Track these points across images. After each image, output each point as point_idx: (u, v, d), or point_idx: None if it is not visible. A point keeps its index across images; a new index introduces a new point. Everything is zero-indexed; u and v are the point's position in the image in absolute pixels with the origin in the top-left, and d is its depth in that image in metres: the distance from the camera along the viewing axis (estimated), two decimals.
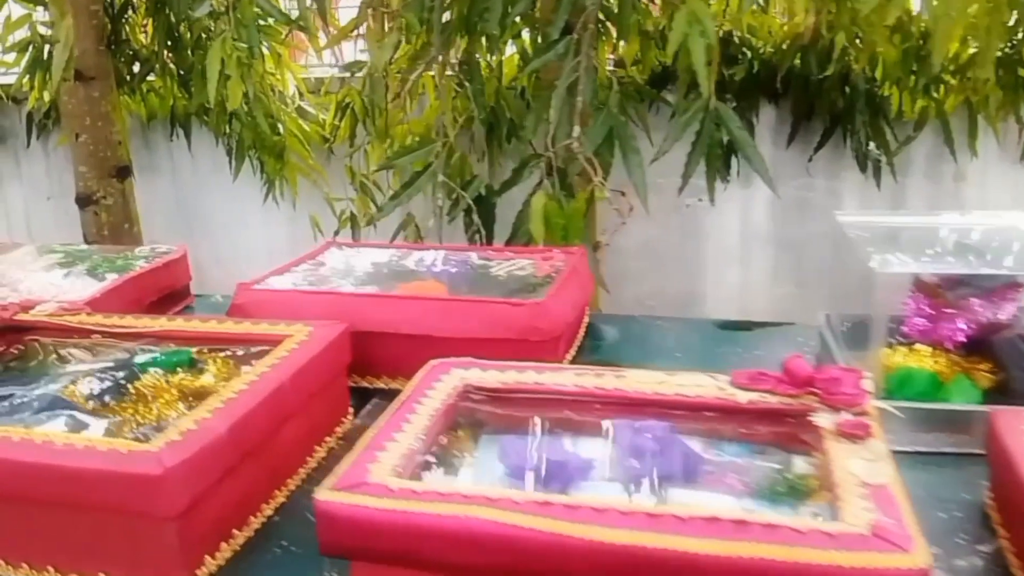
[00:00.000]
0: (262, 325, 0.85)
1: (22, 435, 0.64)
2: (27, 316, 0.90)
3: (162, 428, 0.70)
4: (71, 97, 2.02)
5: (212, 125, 2.41)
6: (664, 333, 1.07)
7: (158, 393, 0.77)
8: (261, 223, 2.77)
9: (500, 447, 0.68)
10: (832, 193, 2.45)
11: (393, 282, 1.05)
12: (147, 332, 0.86)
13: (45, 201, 3.00)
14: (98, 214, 2.10)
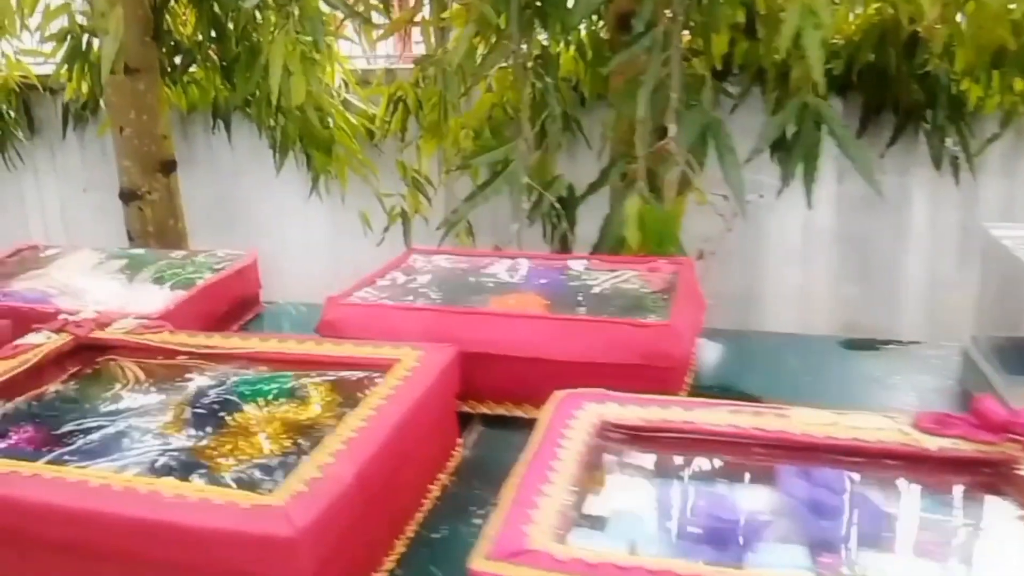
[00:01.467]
0: (366, 347, 0.77)
1: (124, 483, 0.56)
2: (104, 334, 0.83)
3: (269, 468, 0.63)
4: (116, 89, 1.95)
5: (256, 118, 2.34)
6: (781, 351, 0.98)
7: (260, 426, 0.69)
8: (301, 218, 2.70)
9: (654, 499, 0.60)
10: (901, 190, 2.35)
11: (484, 295, 0.97)
12: (238, 354, 0.79)
13: (81, 194, 2.94)
14: (142, 210, 2.03)
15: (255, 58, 2.13)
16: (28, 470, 0.58)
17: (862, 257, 2.45)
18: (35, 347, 0.79)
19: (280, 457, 0.65)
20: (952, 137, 2.05)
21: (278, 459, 0.64)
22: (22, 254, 1.19)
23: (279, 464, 0.63)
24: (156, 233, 2.04)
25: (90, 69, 2.41)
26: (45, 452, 0.65)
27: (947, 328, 2.47)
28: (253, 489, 0.59)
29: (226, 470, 0.63)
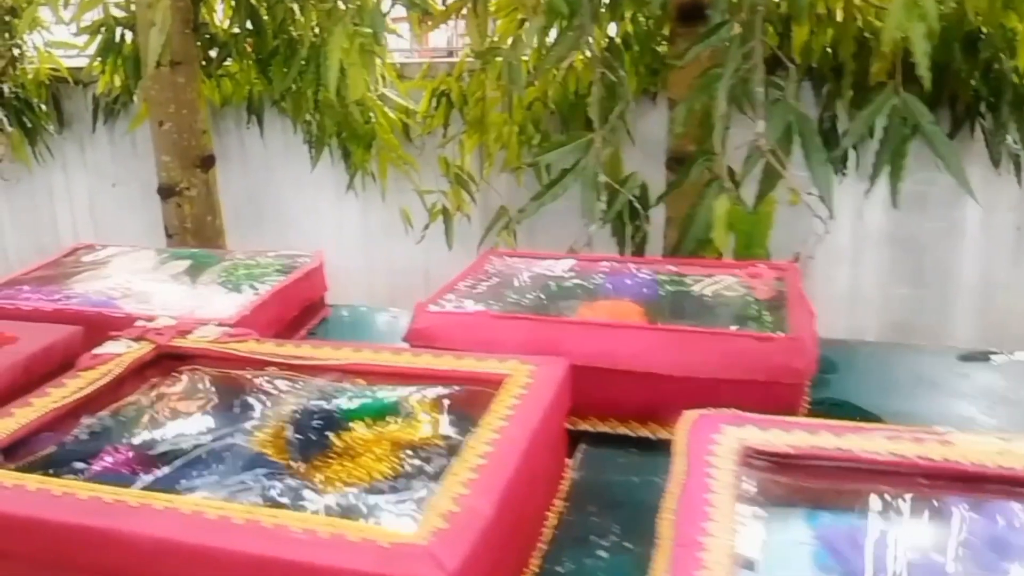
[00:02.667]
0: (468, 360, 0.72)
1: (245, 516, 0.51)
2: (186, 342, 0.78)
3: (390, 496, 0.58)
4: (155, 83, 1.90)
5: (291, 113, 2.29)
6: (891, 362, 0.93)
7: (367, 446, 0.64)
8: (333, 214, 2.65)
9: (813, 538, 0.55)
10: (955, 188, 2.28)
11: (573, 301, 0.92)
12: (332, 366, 0.74)
13: (110, 188, 2.90)
14: (181, 206, 1.98)
15: (294, 52, 2.09)
16: (135, 499, 0.54)
17: (913, 258, 2.39)
18: (116, 357, 0.74)
19: (394, 481, 0.60)
20: (1012, 135, 1.98)
21: (395, 484, 0.60)
22: (78, 254, 1.14)
23: (400, 491, 0.58)
24: (194, 229, 2.00)
25: (123, 62, 2.37)
26: (143, 475, 0.60)
27: (1000, 331, 2.41)
28: (379, 521, 0.54)
29: (342, 497, 0.58)
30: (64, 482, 0.56)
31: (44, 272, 1.08)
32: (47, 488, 0.55)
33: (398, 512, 0.56)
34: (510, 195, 2.19)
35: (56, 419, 0.67)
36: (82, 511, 0.53)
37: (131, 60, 2.32)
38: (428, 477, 0.60)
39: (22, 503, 0.54)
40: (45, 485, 0.56)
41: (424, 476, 0.60)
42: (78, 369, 0.73)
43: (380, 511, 0.56)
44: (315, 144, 2.27)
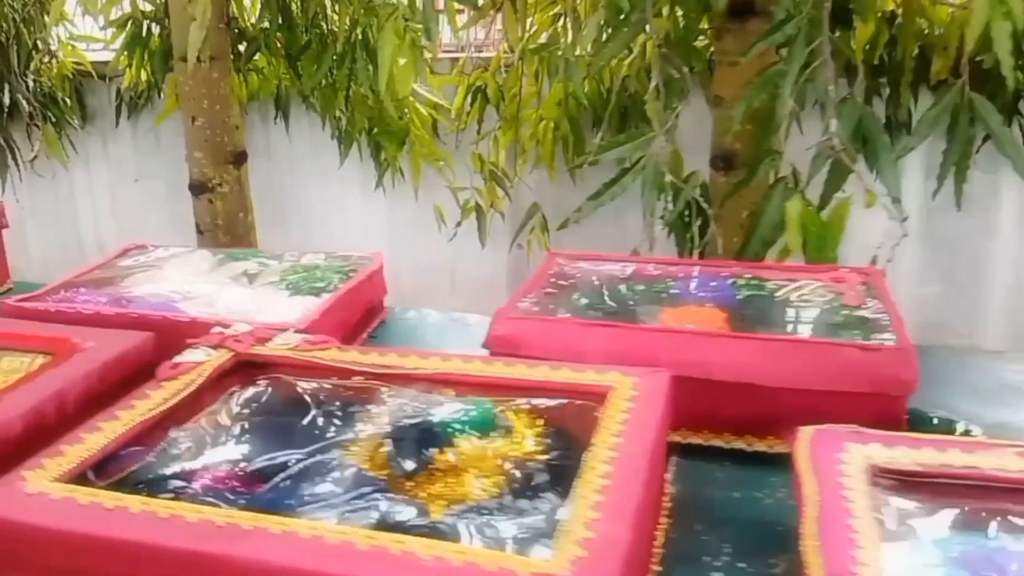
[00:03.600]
0: (563, 370, 0.70)
1: (369, 542, 0.49)
2: (266, 350, 0.76)
3: (511, 519, 0.55)
4: (188, 78, 1.88)
5: (320, 108, 2.26)
6: (974, 369, 0.90)
7: (471, 462, 0.61)
8: (359, 211, 2.63)
9: (962, 562, 0.52)
10: (990, 188, 2.25)
11: (651, 306, 0.89)
12: (419, 375, 0.71)
13: (132, 184, 2.88)
14: (212, 202, 1.96)
15: (325, 47, 2.06)
16: (248, 522, 0.51)
17: (946, 258, 2.36)
18: (197, 365, 0.72)
19: (505, 500, 0.57)
20: None
21: (506, 504, 0.57)
22: (130, 255, 1.12)
23: (515, 511, 0.56)
24: (225, 226, 1.97)
25: (150, 57, 2.35)
26: (245, 494, 0.58)
27: None
28: (503, 546, 0.52)
29: (456, 518, 0.55)
30: (169, 504, 0.53)
31: (98, 274, 1.05)
32: (152, 510, 0.53)
33: (521, 536, 0.53)
34: (541, 192, 2.16)
35: (143, 432, 0.64)
36: (192, 535, 0.51)
37: (159, 55, 2.31)
38: (540, 496, 0.57)
39: (127, 527, 0.52)
40: (149, 507, 0.53)
41: (536, 495, 0.57)
42: (160, 379, 0.70)
43: (500, 534, 0.53)
44: (344, 140, 2.24)
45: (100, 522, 0.52)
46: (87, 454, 0.60)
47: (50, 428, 0.69)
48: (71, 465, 0.58)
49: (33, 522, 0.53)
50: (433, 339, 1.07)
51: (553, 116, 1.98)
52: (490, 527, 0.54)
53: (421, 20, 1.40)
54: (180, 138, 2.66)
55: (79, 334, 0.81)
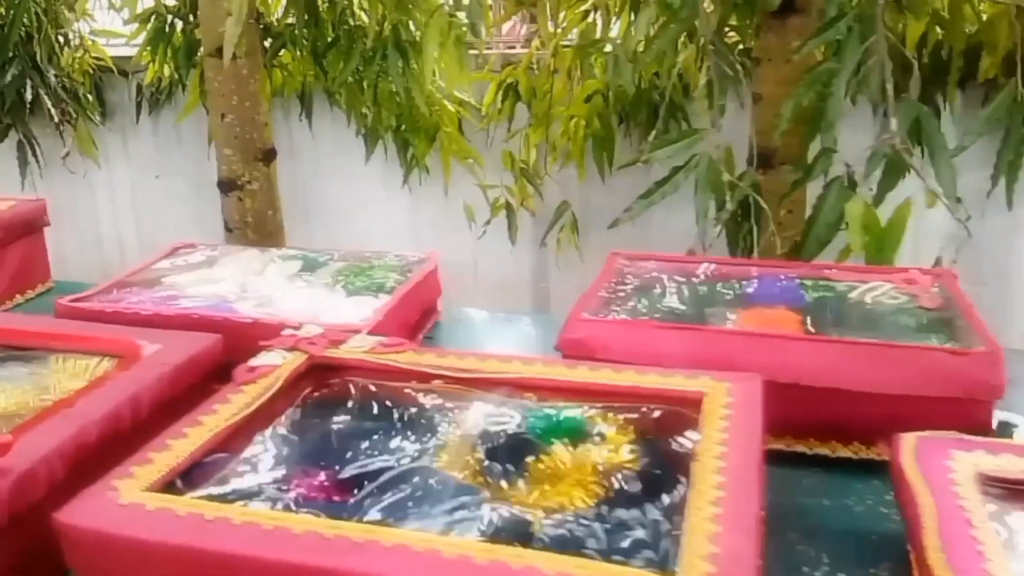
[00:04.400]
0: (650, 375, 0.68)
1: (488, 556, 0.47)
2: (341, 353, 0.74)
3: (589, 521, 0.54)
4: (217, 74, 1.86)
5: (346, 105, 2.25)
6: None
7: (568, 470, 0.60)
8: (382, 209, 2.61)
9: None
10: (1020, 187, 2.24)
11: (721, 308, 0.88)
12: (503, 379, 0.69)
13: (152, 181, 2.86)
14: (242, 200, 1.94)
15: (354, 43, 2.04)
16: (358, 534, 0.50)
17: (972, 256, 2.34)
18: (274, 369, 0.70)
19: (608, 511, 0.56)
20: None
21: (612, 514, 0.55)
22: (179, 254, 1.10)
23: (628, 525, 0.54)
24: (255, 224, 1.96)
25: (174, 52, 2.33)
26: (342, 504, 0.56)
27: None
28: (619, 559, 0.50)
29: (562, 529, 0.54)
30: (273, 515, 0.52)
31: (148, 273, 1.03)
32: (255, 522, 0.51)
33: (634, 548, 0.51)
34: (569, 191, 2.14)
35: (228, 438, 0.63)
36: (300, 548, 0.49)
37: (183, 50, 2.29)
38: (646, 507, 0.56)
39: (231, 539, 0.50)
40: (251, 518, 0.52)
41: (642, 505, 0.56)
42: (237, 383, 0.69)
43: (612, 546, 0.52)
44: (369, 137, 2.23)
45: (202, 534, 0.51)
46: (176, 462, 0.58)
47: (125, 434, 0.67)
48: (161, 473, 0.57)
49: (131, 535, 0.51)
50: (490, 339, 1.05)
51: (584, 114, 1.96)
52: (597, 538, 0.53)
53: (468, 16, 1.38)
54: (201, 135, 2.65)
55: (143, 336, 0.80)
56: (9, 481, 0.57)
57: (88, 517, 0.52)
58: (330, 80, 2.18)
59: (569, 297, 1.02)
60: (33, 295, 1.20)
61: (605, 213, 2.34)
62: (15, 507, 0.57)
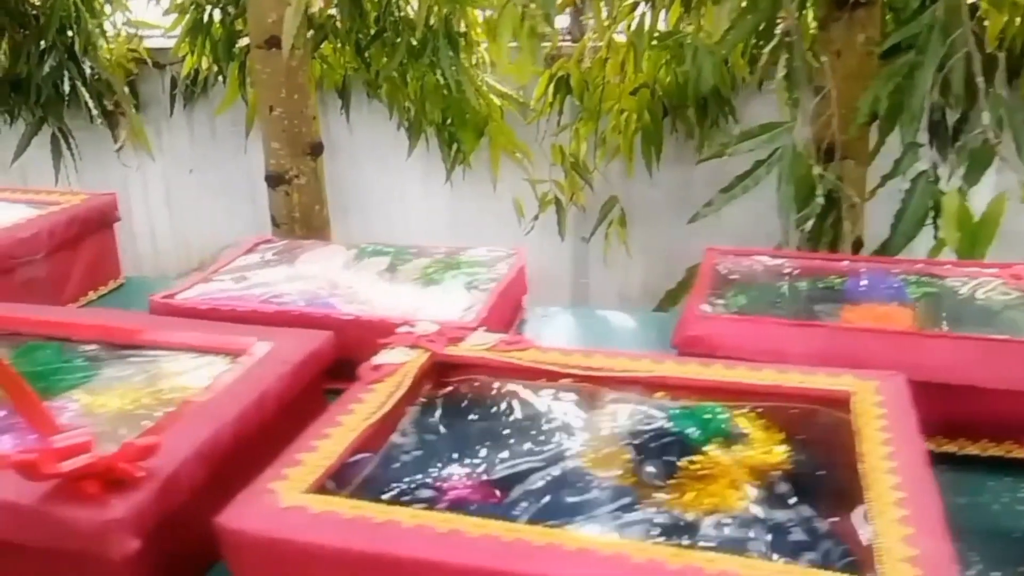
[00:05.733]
0: (792, 374, 0.67)
1: (680, 560, 0.46)
2: (461, 351, 0.73)
3: (745, 522, 0.53)
4: (265, 66, 1.85)
5: (388, 98, 2.23)
6: None
7: (721, 471, 0.59)
8: (421, 203, 2.59)
9: None
10: None
11: (829, 304, 0.86)
12: (635, 378, 0.68)
13: (186, 175, 2.85)
14: (289, 194, 1.93)
15: (401, 35, 2.03)
16: (539, 538, 0.48)
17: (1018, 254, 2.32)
18: (398, 367, 0.69)
19: (774, 513, 0.55)
20: None
21: (781, 517, 0.54)
22: (260, 249, 1.09)
23: (795, 526, 0.53)
24: (302, 219, 1.94)
25: (212, 43, 2.32)
26: (499, 506, 0.55)
27: None
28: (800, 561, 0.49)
29: (730, 531, 0.53)
30: (446, 517, 0.51)
31: (231, 268, 1.02)
32: (427, 524, 0.50)
33: (812, 550, 0.50)
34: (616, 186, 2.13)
35: (368, 438, 0.62)
36: (479, 552, 0.48)
37: (223, 41, 2.28)
38: (813, 508, 0.54)
39: (406, 543, 0.49)
40: (422, 520, 0.50)
41: (808, 506, 0.55)
42: (365, 381, 0.67)
43: (788, 548, 0.51)
44: (412, 131, 2.21)
45: (372, 538, 0.49)
46: (326, 463, 0.57)
47: (253, 434, 0.66)
48: (314, 475, 0.56)
49: (298, 539, 0.50)
50: (582, 337, 1.04)
51: (634, 107, 1.94)
52: (766, 541, 0.52)
53: (540, 6, 1.36)
54: (236, 128, 2.64)
55: (251, 333, 0.78)
56: (157, 484, 0.56)
57: (252, 521, 0.51)
58: (372, 73, 2.17)
59: (609, 293, 1.01)
60: (106, 291, 1.19)
61: (649, 208, 2.34)
62: (161, 511, 0.56)
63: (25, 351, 0.79)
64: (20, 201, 1.21)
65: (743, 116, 2.08)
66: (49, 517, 0.54)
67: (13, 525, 0.55)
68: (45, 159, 2.67)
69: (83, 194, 1.20)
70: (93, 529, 0.53)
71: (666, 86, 1.98)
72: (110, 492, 0.54)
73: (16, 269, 1.05)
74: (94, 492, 0.54)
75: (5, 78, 2.62)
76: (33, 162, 2.70)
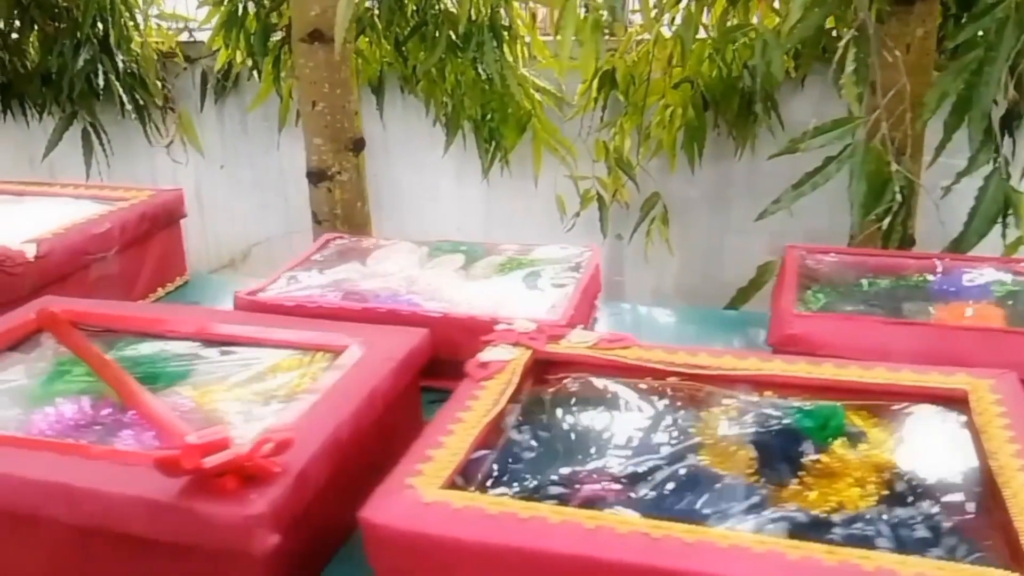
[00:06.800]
0: (904, 373, 0.67)
1: (837, 558, 0.46)
2: (563, 349, 0.73)
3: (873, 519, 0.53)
4: (308, 60, 1.85)
5: (425, 93, 2.23)
6: None
7: (844, 469, 0.59)
8: (454, 201, 2.59)
9: None
10: None
11: (919, 303, 0.87)
12: (742, 376, 0.68)
13: (217, 171, 2.85)
14: (331, 191, 1.93)
15: (441, 29, 2.02)
16: (687, 534, 0.49)
17: None
18: (505, 364, 0.70)
19: (905, 511, 0.55)
20: None
21: (912, 514, 0.54)
22: (332, 246, 1.09)
23: (930, 522, 0.53)
24: (344, 216, 1.94)
25: (246, 37, 2.32)
26: (633, 502, 0.56)
27: None
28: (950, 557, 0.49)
29: (863, 528, 0.53)
30: (591, 514, 0.51)
31: (309, 265, 1.03)
32: (575, 520, 0.50)
33: (943, 546, 0.51)
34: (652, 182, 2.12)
35: (488, 434, 0.62)
36: (630, 548, 0.48)
37: (259, 35, 2.27)
38: (945, 505, 0.55)
39: (555, 539, 0.49)
40: (567, 517, 0.51)
41: (939, 503, 0.55)
42: (475, 379, 0.68)
43: (908, 544, 0.51)
44: (450, 127, 2.21)
45: (521, 533, 0.50)
46: (456, 459, 0.57)
47: (366, 430, 0.67)
48: (447, 471, 0.56)
49: (447, 534, 0.50)
50: (655, 335, 1.04)
51: (678, 102, 1.94)
52: (896, 537, 0.52)
53: None
54: (268, 124, 2.64)
55: (346, 331, 0.79)
56: (291, 479, 0.56)
57: (397, 515, 0.52)
58: (409, 67, 2.16)
59: (643, 290, 1.00)
60: (172, 288, 1.19)
61: (684, 205, 2.33)
62: (296, 506, 0.57)
63: (122, 347, 0.80)
64: (84, 197, 1.22)
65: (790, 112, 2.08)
66: (188, 513, 0.54)
67: (149, 521, 0.56)
68: (71, 154, 2.67)
69: (149, 190, 1.20)
70: (235, 525, 0.53)
71: (708, 80, 1.97)
72: (247, 488, 0.55)
73: (90, 265, 1.06)
74: (233, 488, 0.54)
75: (35, 72, 2.63)
76: (61, 157, 2.70)
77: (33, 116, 2.74)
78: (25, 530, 0.61)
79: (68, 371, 0.76)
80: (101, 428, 0.67)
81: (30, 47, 2.66)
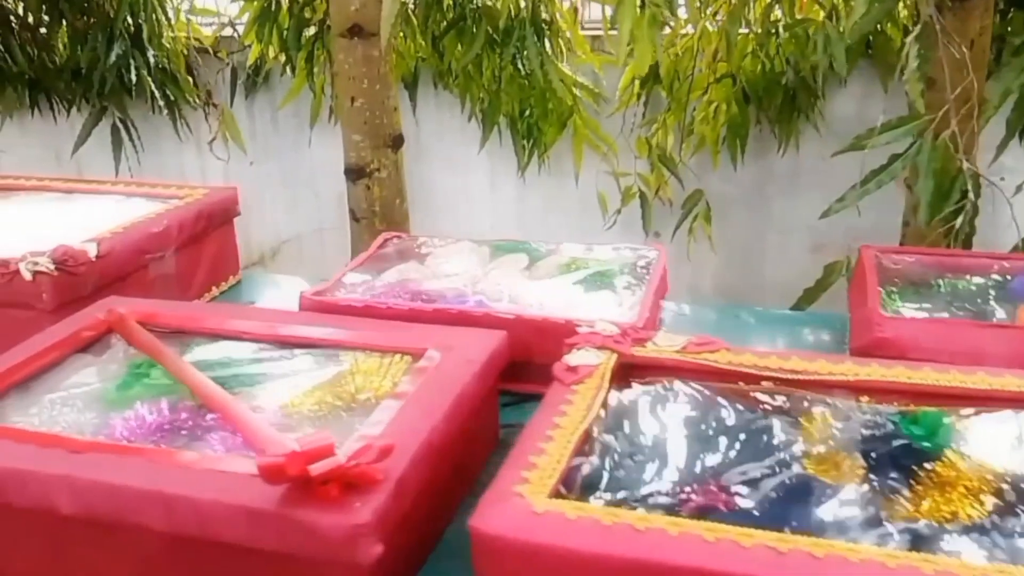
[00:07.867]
0: (1006, 378, 0.65)
1: (967, 572, 0.45)
2: (650, 352, 0.71)
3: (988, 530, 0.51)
4: (348, 56, 1.83)
5: (462, 88, 2.21)
6: None
7: (956, 479, 0.57)
8: (487, 198, 2.57)
9: None
10: None
11: (1005, 304, 0.85)
12: (839, 382, 0.67)
13: (247, 167, 2.84)
14: (370, 188, 1.91)
15: (479, 25, 2.01)
16: (817, 549, 0.47)
17: None
18: (594, 368, 0.68)
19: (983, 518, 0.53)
20: None
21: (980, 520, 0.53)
22: (391, 245, 1.08)
23: None
24: (382, 213, 1.93)
25: (279, 31, 2.31)
26: (744, 513, 0.54)
27: None
28: None
29: (978, 540, 0.51)
30: (712, 527, 0.49)
31: (371, 265, 1.01)
32: (696, 533, 0.49)
33: None
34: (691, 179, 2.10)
35: (584, 440, 0.61)
36: (754, 561, 0.47)
37: (292, 30, 2.27)
38: None
39: (674, 551, 0.48)
40: (690, 530, 0.49)
41: None
42: (565, 383, 0.66)
43: None
44: (486, 123, 2.19)
45: (641, 546, 0.48)
46: (559, 466, 0.56)
47: (456, 436, 0.65)
48: (552, 479, 0.55)
49: (564, 545, 0.49)
50: None
51: (722, 98, 1.92)
52: (1012, 548, 0.50)
53: None
54: (298, 120, 2.63)
55: (423, 332, 0.77)
56: (391, 486, 0.55)
57: (509, 525, 0.50)
58: (445, 63, 2.15)
59: (679, 288, 1.01)
60: (226, 287, 1.19)
61: (722, 202, 2.30)
62: (397, 513, 0.55)
63: (193, 349, 0.79)
64: (136, 195, 1.21)
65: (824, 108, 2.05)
66: (290, 521, 0.53)
67: (248, 529, 0.55)
68: (98, 150, 2.67)
69: (203, 188, 1.19)
70: (340, 534, 0.52)
71: (749, 75, 1.94)
72: (349, 495, 0.54)
73: (149, 265, 1.05)
74: (336, 496, 0.53)
75: (64, 67, 2.62)
76: (87, 153, 2.70)
77: (60, 112, 2.74)
78: (117, 538, 0.60)
79: (145, 374, 0.75)
80: (186, 433, 0.66)
81: (58, 42, 2.66)
